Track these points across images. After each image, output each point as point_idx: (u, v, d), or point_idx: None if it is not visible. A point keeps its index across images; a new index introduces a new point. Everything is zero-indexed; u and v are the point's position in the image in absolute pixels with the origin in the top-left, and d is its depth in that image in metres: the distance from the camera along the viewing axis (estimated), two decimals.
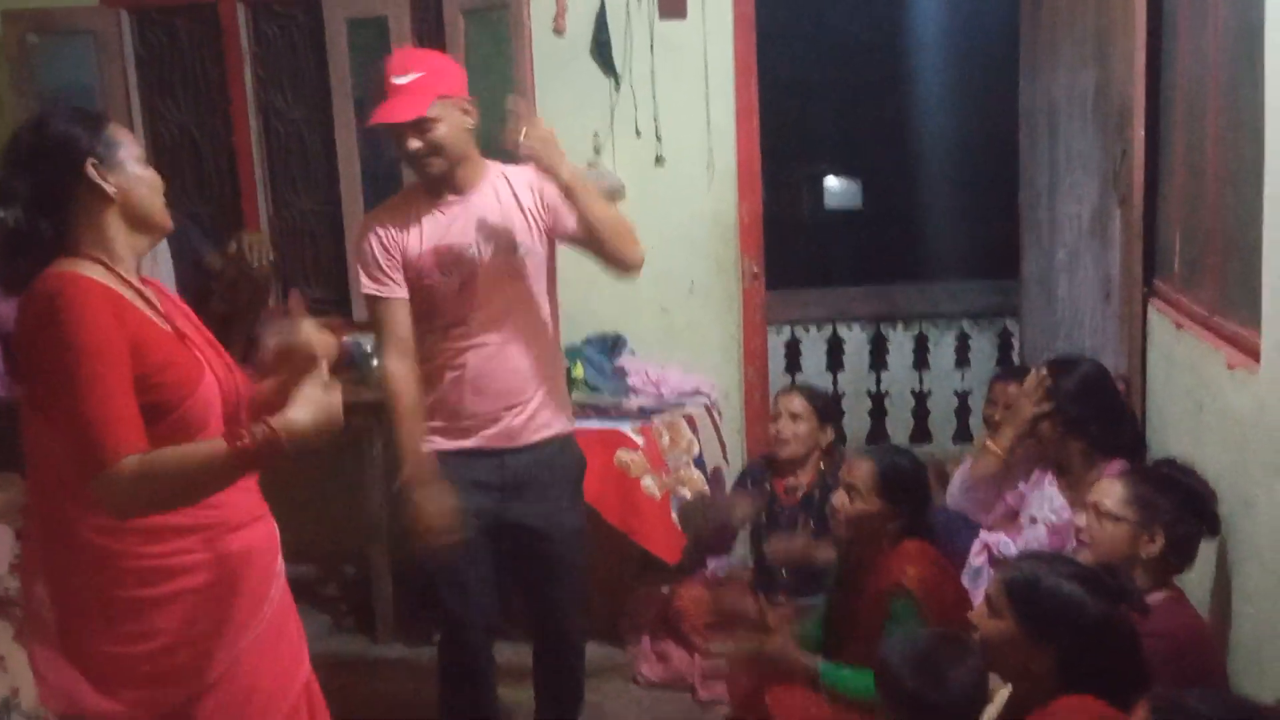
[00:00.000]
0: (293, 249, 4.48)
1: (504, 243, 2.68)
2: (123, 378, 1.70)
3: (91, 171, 1.81)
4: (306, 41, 4.35)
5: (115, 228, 1.85)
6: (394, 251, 2.68)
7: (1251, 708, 1.59)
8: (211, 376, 1.88)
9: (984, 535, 3.26)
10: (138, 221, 1.88)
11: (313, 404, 1.74)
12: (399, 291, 2.69)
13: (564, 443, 2.88)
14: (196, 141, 4.50)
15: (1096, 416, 3.02)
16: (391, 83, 2.58)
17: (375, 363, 3.90)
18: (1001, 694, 2.25)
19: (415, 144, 2.60)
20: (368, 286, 2.71)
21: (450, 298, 2.69)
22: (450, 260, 2.67)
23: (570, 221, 2.68)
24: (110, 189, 1.83)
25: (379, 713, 3.53)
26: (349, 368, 4.11)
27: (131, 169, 1.87)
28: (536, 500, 2.80)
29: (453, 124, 2.62)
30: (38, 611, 1.85)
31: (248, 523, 1.96)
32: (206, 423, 1.84)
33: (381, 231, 2.70)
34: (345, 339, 4.29)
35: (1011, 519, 3.28)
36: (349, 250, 4.40)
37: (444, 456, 2.71)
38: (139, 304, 1.83)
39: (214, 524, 1.87)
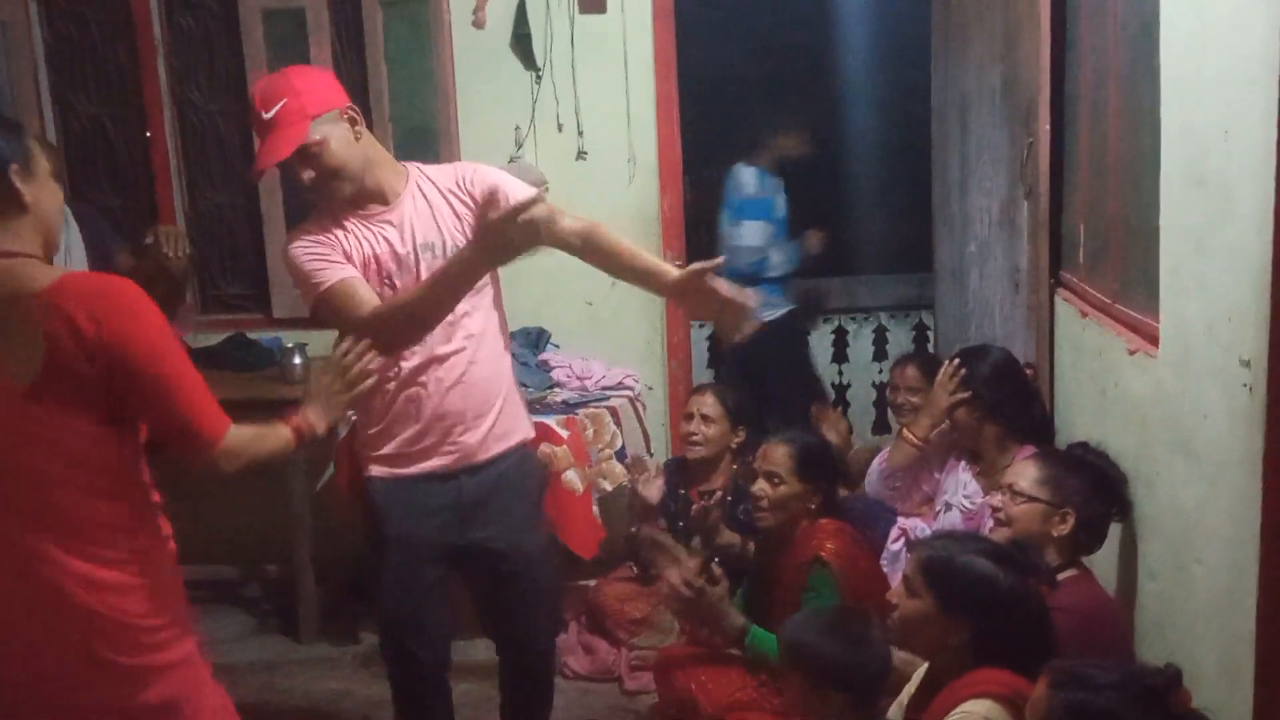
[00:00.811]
0: (210, 243, 4.41)
1: (441, 248, 2.46)
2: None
3: (15, 179, 1.79)
4: (221, 33, 4.29)
5: (28, 237, 1.81)
6: (335, 247, 2.41)
7: (1140, 671, 1.67)
8: None
9: (901, 521, 3.35)
10: (43, 235, 1.85)
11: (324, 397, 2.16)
12: (348, 270, 2.39)
13: (524, 454, 2.69)
14: (109, 133, 4.41)
15: (1010, 401, 3.12)
16: (261, 119, 2.32)
17: (298, 360, 3.88)
18: (918, 673, 2.32)
19: (309, 174, 2.36)
20: (311, 287, 2.39)
21: None
22: (392, 270, 2.44)
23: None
24: (28, 198, 1.81)
25: (305, 713, 3.51)
26: (270, 365, 4.07)
27: (46, 183, 1.86)
28: (496, 520, 2.60)
29: (340, 139, 2.36)
30: None
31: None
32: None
33: (313, 236, 2.43)
34: (265, 337, 4.25)
35: (927, 505, 3.38)
36: (267, 245, 4.36)
37: (389, 484, 2.55)
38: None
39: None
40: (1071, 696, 1.62)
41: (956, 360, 3.21)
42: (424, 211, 2.48)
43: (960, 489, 3.22)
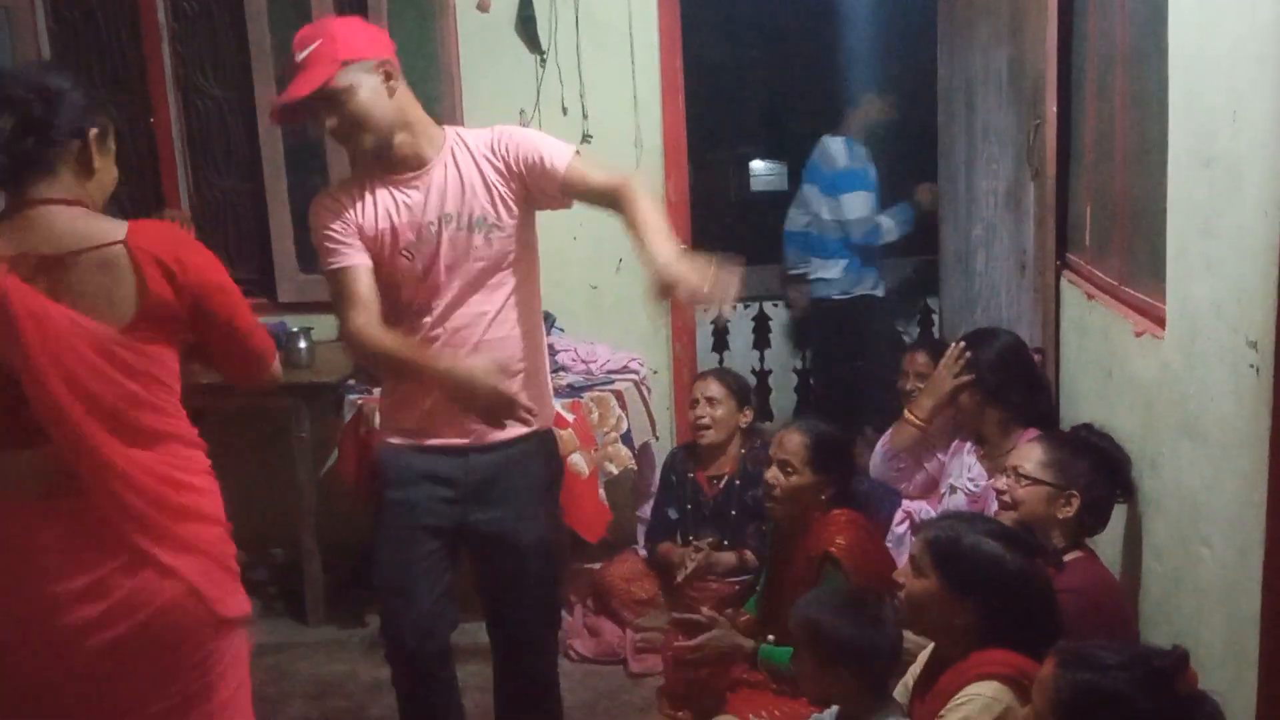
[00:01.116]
0: (214, 228, 4.41)
1: (465, 219, 2.38)
2: None
3: (92, 143, 1.94)
4: (226, 17, 4.28)
5: (87, 199, 1.95)
6: (350, 223, 2.38)
7: (1148, 652, 1.67)
8: None
9: (906, 504, 3.35)
10: (97, 201, 1.98)
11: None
12: (356, 257, 2.37)
13: (540, 441, 2.56)
14: (113, 119, 4.39)
15: (1014, 386, 3.11)
16: (293, 61, 2.28)
17: (303, 344, 3.89)
18: (924, 653, 2.32)
19: (331, 121, 2.30)
20: (324, 263, 2.41)
21: (414, 282, 2.41)
22: (410, 241, 2.39)
23: (554, 185, 2.39)
24: (96, 164, 1.95)
25: (311, 694, 3.53)
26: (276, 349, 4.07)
27: (110, 160, 2.01)
28: (500, 505, 2.50)
29: (370, 90, 2.28)
30: None
31: None
32: None
33: (333, 205, 2.40)
34: (271, 321, 4.25)
35: (932, 488, 3.38)
36: (272, 230, 4.36)
37: (398, 450, 2.51)
38: None
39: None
40: (1079, 677, 1.63)
41: (963, 343, 3.21)
42: (454, 179, 2.40)
43: (965, 471, 3.22)
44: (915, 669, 2.34)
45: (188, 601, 1.91)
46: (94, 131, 1.93)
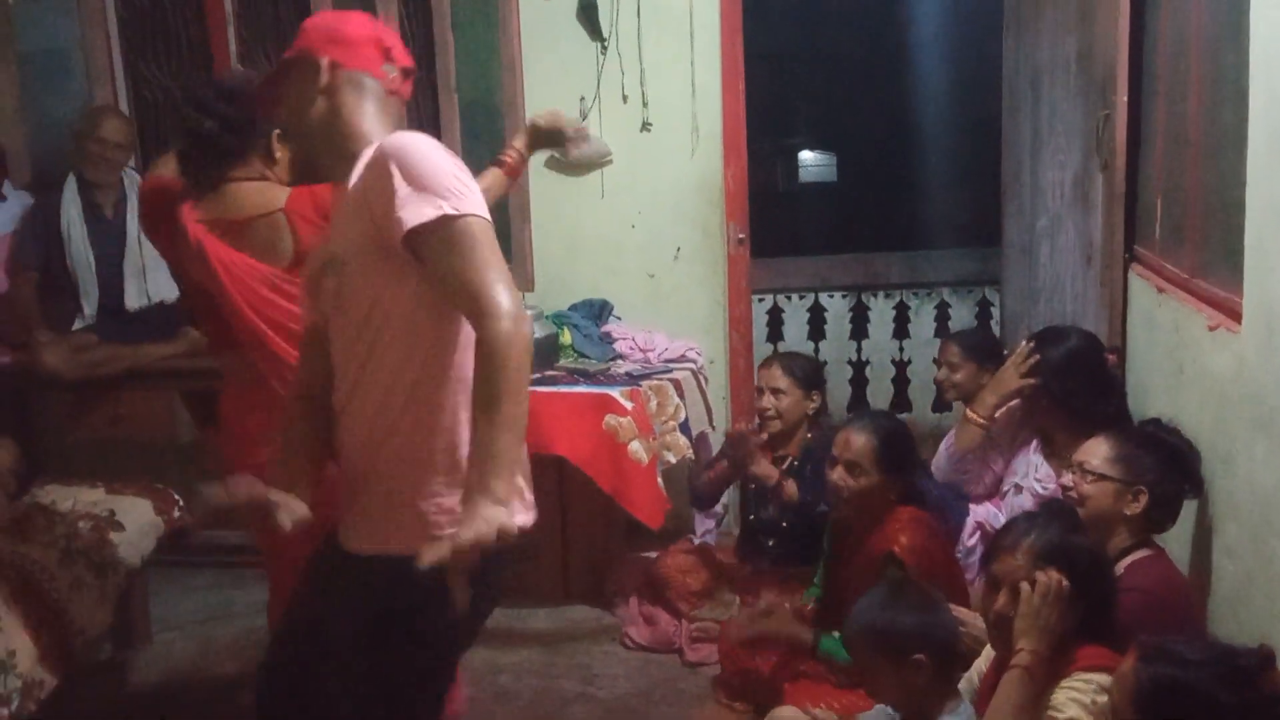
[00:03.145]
0: None
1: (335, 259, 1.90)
2: None
3: (275, 141, 2.53)
4: (290, 3, 4.32)
5: (273, 177, 2.55)
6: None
7: (1229, 650, 1.65)
8: None
9: (974, 511, 3.29)
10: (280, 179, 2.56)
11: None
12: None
13: (388, 570, 1.80)
14: (180, 104, 4.46)
15: (1082, 389, 3.05)
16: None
17: None
18: (986, 651, 2.31)
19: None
20: None
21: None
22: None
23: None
24: (277, 154, 2.54)
25: None
26: None
27: (286, 157, 2.56)
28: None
29: (296, 89, 1.94)
30: None
31: None
32: None
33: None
34: None
35: (997, 488, 3.33)
36: None
37: None
38: None
39: None
40: (1161, 671, 1.61)
41: (1031, 343, 3.16)
42: (340, 204, 1.95)
43: (1032, 471, 3.16)
44: (979, 664, 2.32)
45: None
46: (277, 131, 2.50)
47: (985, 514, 3.24)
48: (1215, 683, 1.57)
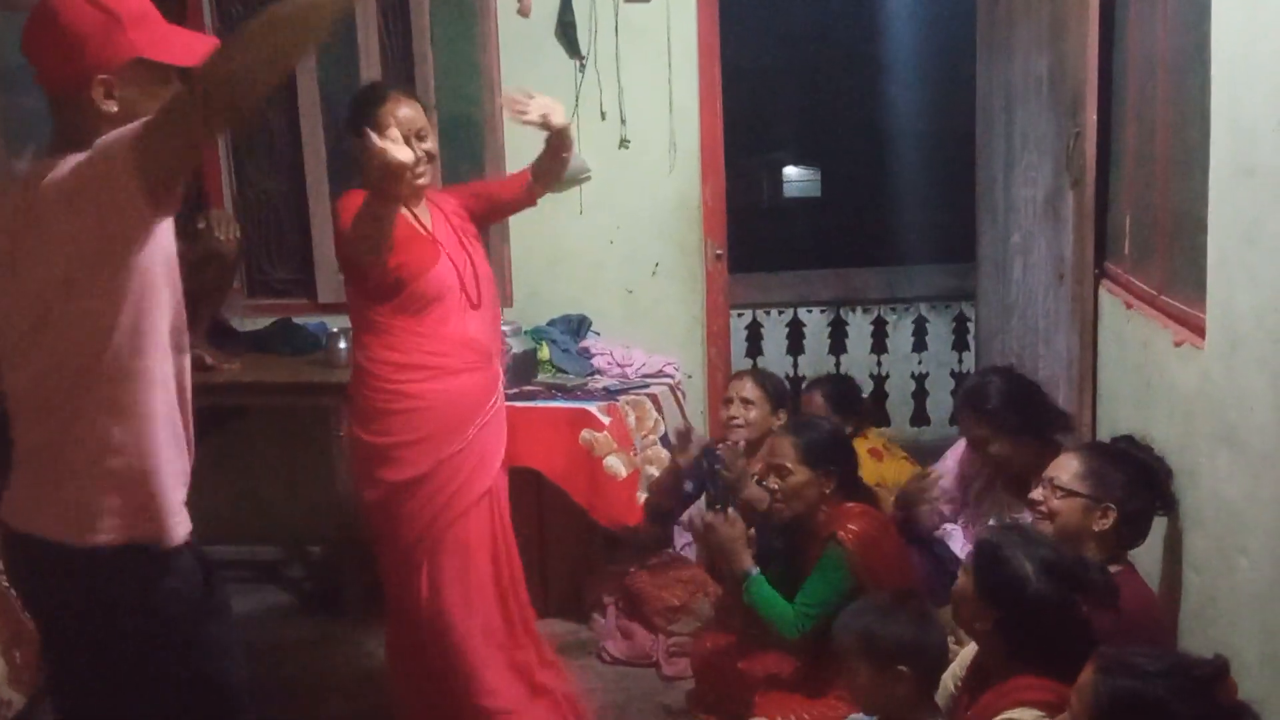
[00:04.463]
0: (256, 229, 4.47)
1: None
2: None
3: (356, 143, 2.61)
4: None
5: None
6: None
7: (1188, 661, 1.67)
8: (448, 266, 2.76)
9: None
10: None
11: None
12: None
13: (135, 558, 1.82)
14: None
15: (1032, 409, 3.19)
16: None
17: (343, 345, 3.93)
18: (964, 651, 2.33)
19: None
20: None
21: None
22: None
23: None
24: (362, 162, 2.55)
25: (347, 689, 3.56)
26: (316, 350, 4.13)
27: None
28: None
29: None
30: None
31: (462, 371, 2.79)
32: (441, 296, 2.75)
33: None
34: (311, 322, 4.30)
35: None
36: (314, 231, 4.41)
37: None
38: (405, 213, 2.73)
39: (437, 366, 2.75)
40: (1119, 683, 1.63)
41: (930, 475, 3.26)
42: None
43: (1003, 510, 3.22)
44: (955, 669, 2.35)
45: None
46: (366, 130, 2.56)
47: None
48: (1172, 694, 1.59)
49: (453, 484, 2.79)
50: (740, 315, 5.77)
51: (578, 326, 4.25)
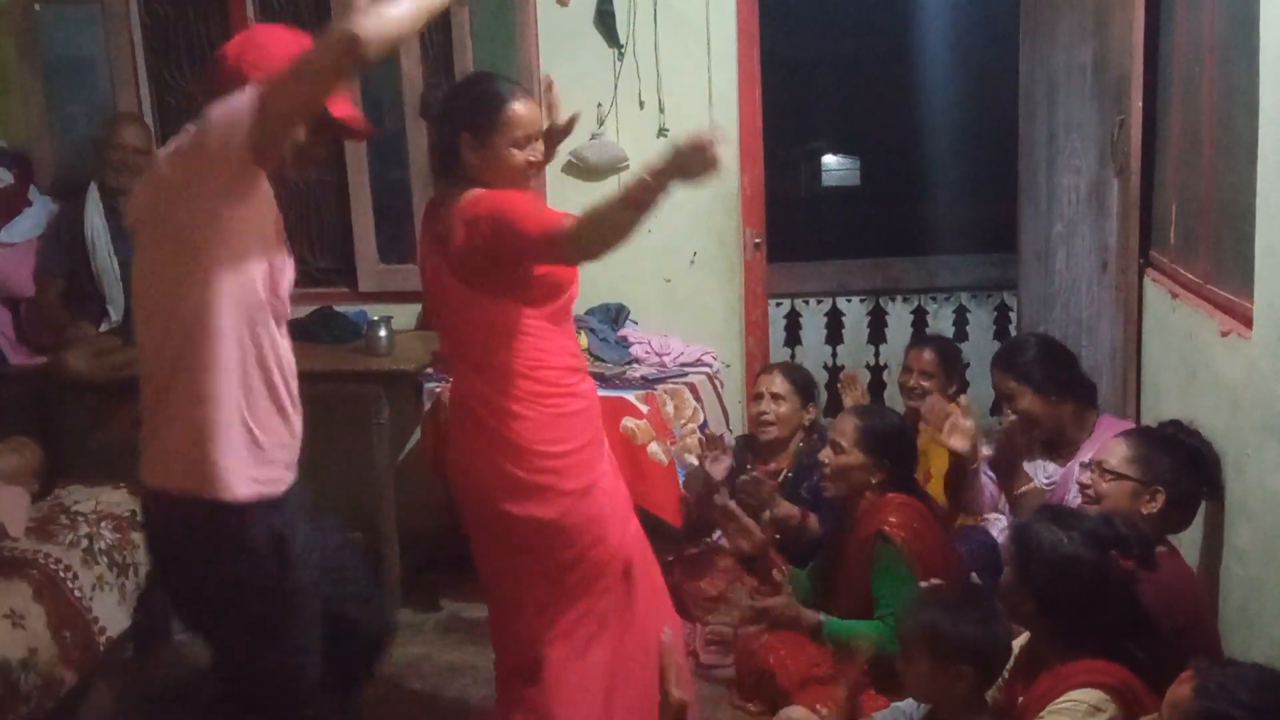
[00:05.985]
0: (297, 219, 4.50)
1: None
2: None
3: (463, 142, 2.51)
4: (312, 11, 4.37)
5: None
6: None
7: None
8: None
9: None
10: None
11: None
12: None
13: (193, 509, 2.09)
14: (202, 110, 4.51)
15: (1064, 370, 3.21)
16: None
17: (383, 333, 3.97)
18: (1016, 641, 2.33)
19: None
20: None
21: None
22: None
23: None
24: (474, 160, 2.52)
25: (388, 676, 3.60)
26: (356, 338, 4.16)
27: (501, 152, 2.52)
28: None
29: None
30: None
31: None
32: (573, 297, 2.69)
33: None
34: (352, 310, 4.34)
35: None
36: (354, 221, 4.45)
37: None
38: None
39: (582, 368, 2.71)
40: (1216, 707, 1.62)
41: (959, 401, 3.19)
42: None
43: (1040, 471, 3.22)
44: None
45: None
46: (464, 135, 2.52)
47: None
48: None
49: (619, 479, 2.74)
50: (779, 305, 5.75)
51: (615, 315, 4.26)
